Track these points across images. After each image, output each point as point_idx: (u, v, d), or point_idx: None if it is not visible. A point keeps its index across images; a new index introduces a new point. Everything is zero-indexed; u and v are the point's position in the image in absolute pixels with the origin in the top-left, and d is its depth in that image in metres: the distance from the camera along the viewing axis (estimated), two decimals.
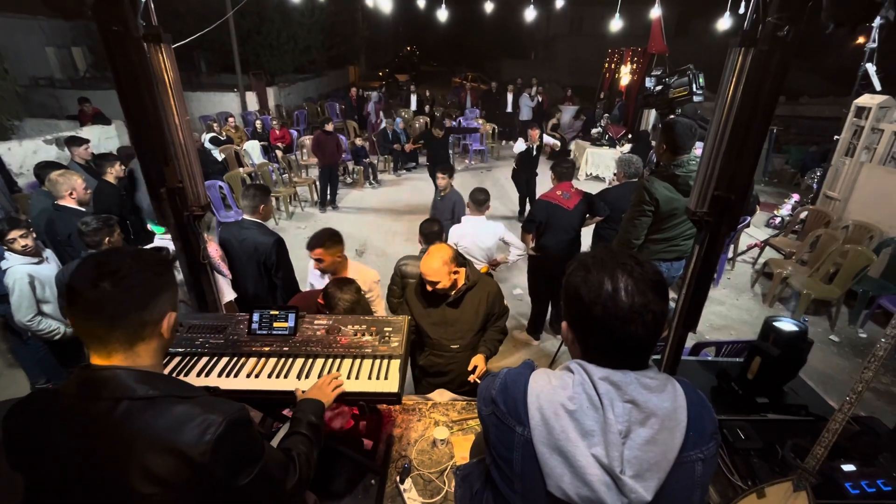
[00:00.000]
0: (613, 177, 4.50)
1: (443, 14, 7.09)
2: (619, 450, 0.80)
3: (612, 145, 9.07)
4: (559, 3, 7.90)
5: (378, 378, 1.51)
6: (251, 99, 13.39)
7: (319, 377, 1.48)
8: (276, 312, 1.67)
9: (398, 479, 1.71)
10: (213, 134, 7.88)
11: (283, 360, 1.57)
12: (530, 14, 7.58)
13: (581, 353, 0.91)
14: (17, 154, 6.57)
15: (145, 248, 3.05)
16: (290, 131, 9.53)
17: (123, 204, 4.13)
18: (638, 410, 0.82)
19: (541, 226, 3.76)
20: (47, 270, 2.88)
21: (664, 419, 0.82)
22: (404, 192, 8.61)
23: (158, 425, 0.84)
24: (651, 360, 0.83)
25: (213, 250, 2.91)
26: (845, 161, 5.58)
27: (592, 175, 9.16)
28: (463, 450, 1.82)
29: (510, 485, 0.90)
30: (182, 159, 1.86)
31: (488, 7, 7.79)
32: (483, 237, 3.67)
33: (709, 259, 1.81)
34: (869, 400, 3.52)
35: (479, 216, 3.72)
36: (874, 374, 1.33)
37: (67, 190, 3.42)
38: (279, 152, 8.72)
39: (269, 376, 1.51)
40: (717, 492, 1.72)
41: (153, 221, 4.20)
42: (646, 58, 10.01)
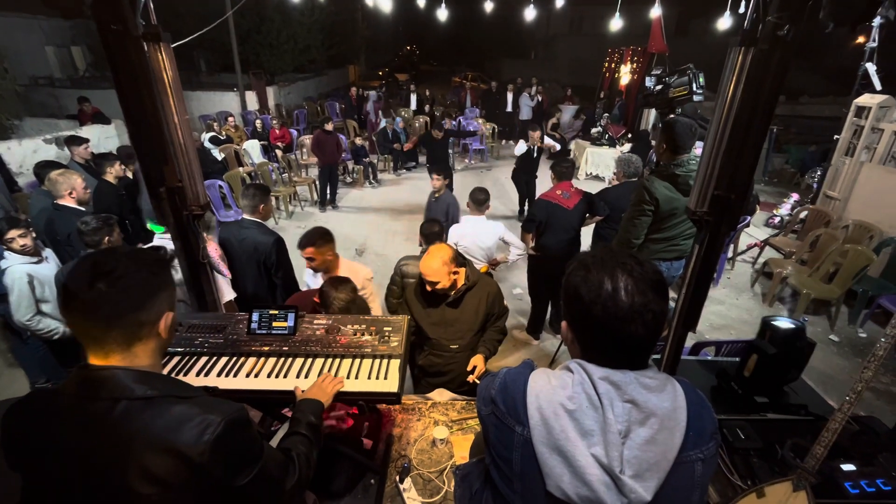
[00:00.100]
0: (613, 176, 4.49)
1: (443, 13, 7.08)
2: (618, 450, 0.80)
3: (612, 145, 9.07)
4: (559, 2, 7.87)
5: (378, 378, 1.50)
6: (251, 98, 13.38)
7: (319, 377, 1.48)
8: (276, 312, 1.67)
9: (398, 478, 1.71)
10: (212, 133, 7.87)
11: (282, 359, 1.57)
12: (530, 13, 7.56)
13: (581, 353, 0.91)
14: (17, 153, 6.57)
15: (143, 247, 3.04)
16: (289, 131, 9.52)
17: (123, 203, 4.13)
18: (637, 410, 0.82)
19: (541, 225, 3.76)
20: (47, 270, 2.87)
21: (664, 419, 0.82)
22: (404, 192, 8.61)
23: (157, 425, 0.84)
24: (651, 360, 0.83)
25: (213, 250, 2.91)
26: (845, 161, 5.58)
27: (592, 174, 9.16)
28: (462, 449, 1.82)
29: (509, 485, 0.90)
30: (181, 158, 1.86)
31: (488, 6, 7.77)
32: (483, 237, 3.67)
33: (709, 259, 1.81)
34: (868, 399, 3.53)
35: (479, 216, 3.72)
36: (874, 374, 1.33)
37: (67, 189, 3.42)
38: (279, 152, 8.72)
39: (269, 376, 1.51)
40: (716, 491, 1.72)
41: (152, 220, 4.19)
42: (646, 57, 10.00)
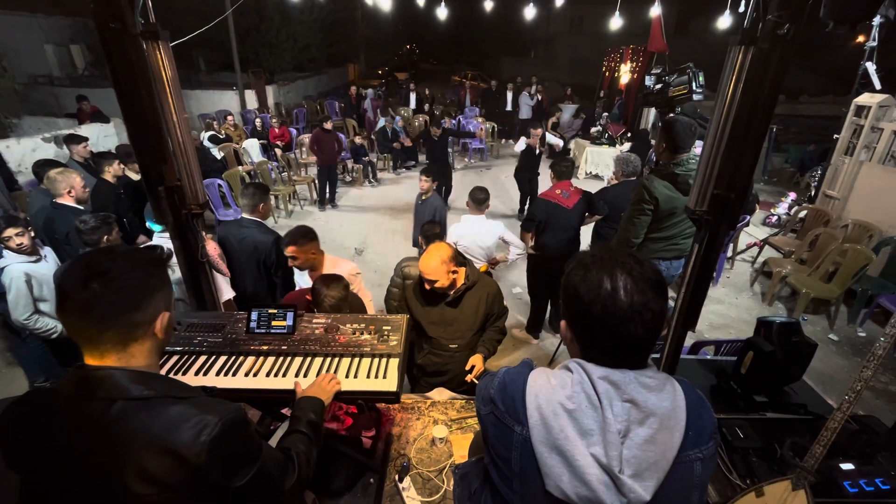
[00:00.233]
0: (612, 176, 4.48)
1: (442, 12, 7.07)
2: (617, 449, 0.79)
3: (612, 144, 9.07)
4: (559, 1, 7.86)
5: (377, 377, 1.50)
6: (250, 97, 13.35)
7: (318, 376, 1.47)
8: (275, 311, 1.67)
9: (397, 477, 1.71)
10: (211, 132, 7.86)
11: (281, 358, 1.57)
12: (530, 12, 7.55)
13: (580, 352, 0.91)
14: (16, 152, 6.56)
15: (139, 246, 3.04)
16: (289, 129, 9.51)
17: (120, 202, 4.11)
18: (637, 410, 0.82)
19: (540, 224, 3.76)
20: (45, 269, 2.86)
21: (663, 419, 0.82)
22: (404, 191, 8.60)
23: (154, 426, 0.83)
24: (650, 359, 0.83)
25: (212, 249, 2.91)
26: (845, 160, 5.58)
27: (592, 174, 9.16)
28: (462, 448, 1.82)
29: (509, 484, 0.90)
30: (180, 157, 1.86)
31: (488, 5, 7.76)
32: (483, 236, 3.66)
33: (708, 258, 1.81)
34: (868, 399, 3.53)
35: (479, 215, 3.72)
36: (873, 373, 1.33)
37: (66, 188, 3.41)
38: (278, 151, 8.71)
39: (268, 375, 1.51)
40: (715, 490, 1.72)
41: (151, 219, 4.19)
42: (646, 56, 10.00)
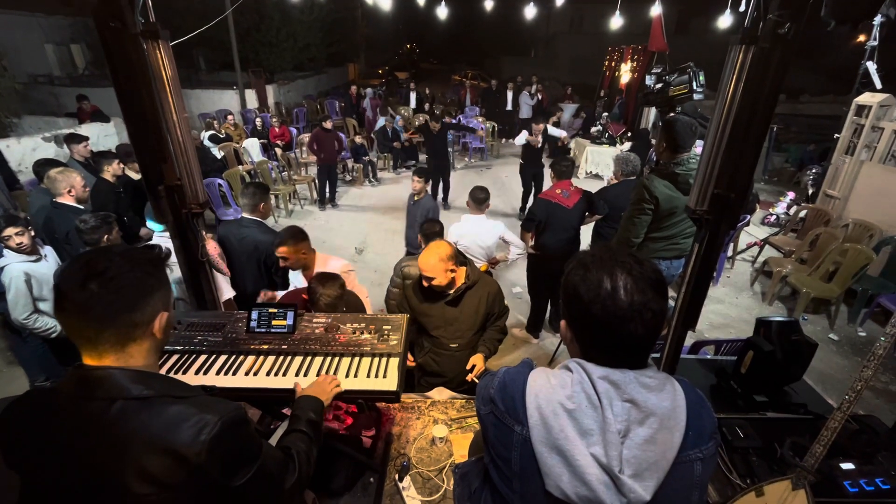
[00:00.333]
0: (612, 176, 4.48)
1: (442, 12, 7.07)
2: (617, 449, 0.79)
3: (612, 143, 9.07)
4: (559, 0, 7.86)
5: (377, 376, 1.50)
6: (250, 96, 13.35)
7: (318, 375, 1.47)
8: (275, 310, 1.67)
9: (397, 476, 1.71)
10: (212, 132, 7.86)
11: (281, 358, 1.57)
12: (530, 12, 7.56)
13: (580, 352, 0.90)
14: (16, 151, 6.57)
15: (137, 246, 3.04)
16: (289, 129, 9.51)
17: (120, 202, 4.11)
18: (637, 410, 0.82)
19: (540, 224, 3.75)
20: (45, 268, 2.86)
21: (663, 419, 0.82)
22: (404, 191, 8.55)
23: (154, 425, 0.83)
24: (650, 359, 0.83)
25: (212, 248, 2.90)
26: (845, 159, 5.58)
27: (592, 173, 9.16)
28: (462, 448, 1.82)
29: (509, 484, 0.90)
30: (180, 157, 1.86)
31: (488, 5, 7.76)
32: (483, 236, 3.66)
33: (708, 257, 1.81)
34: (868, 398, 3.53)
35: (480, 215, 3.71)
36: (873, 373, 1.33)
37: (66, 188, 3.41)
38: (278, 150, 8.71)
39: (268, 374, 1.51)
40: (715, 490, 1.72)
41: (152, 219, 4.19)
42: (646, 56, 9.99)
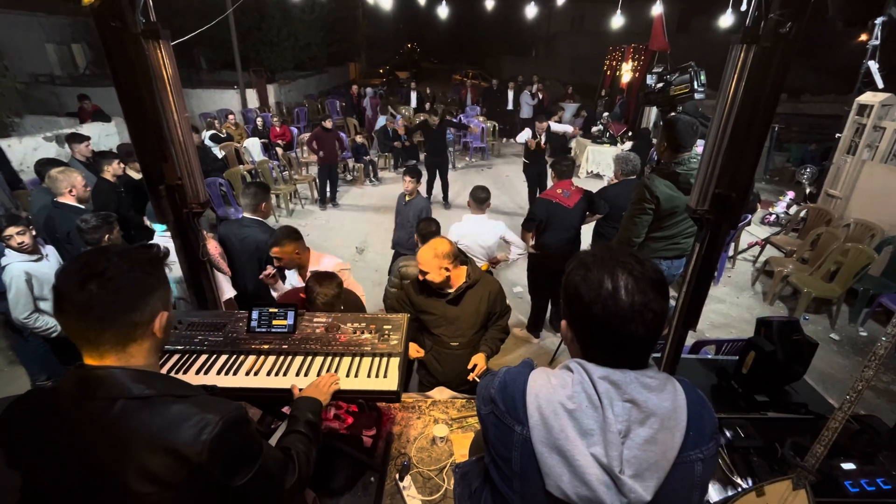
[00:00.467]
0: (612, 176, 4.47)
1: (443, 11, 7.07)
2: (618, 449, 0.79)
3: (613, 143, 9.06)
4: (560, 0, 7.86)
5: (377, 376, 1.50)
6: (251, 96, 13.36)
7: (318, 375, 1.48)
8: (276, 310, 1.67)
9: (397, 476, 1.71)
10: (213, 131, 7.86)
11: (282, 357, 1.57)
12: (531, 11, 7.55)
13: (580, 352, 0.90)
14: (18, 151, 6.58)
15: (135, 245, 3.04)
16: (290, 128, 9.50)
17: (121, 202, 4.12)
18: (637, 410, 0.81)
19: (541, 224, 3.75)
20: (46, 268, 2.86)
21: (664, 419, 0.82)
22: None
23: (155, 424, 0.83)
24: (651, 359, 0.83)
25: (213, 247, 2.91)
26: (847, 159, 5.56)
27: (593, 173, 9.15)
28: (462, 447, 1.82)
29: (509, 484, 0.90)
30: (181, 156, 1.86)
31: (489, 4, 7.75)
32: (484, 235, 3.66)
33: (709, 257, 1.80)
34: (869, 398, 3.52)
35: (480, 214, 3.71)
36: (874, 373, 1.32)
37: (67, 187, 3.41)
38: (279, 150, 8.71)
39: (269, 374, 1.51)
40: (716, 490, 1.72)
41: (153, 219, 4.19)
42: (647, 55, 9.97)
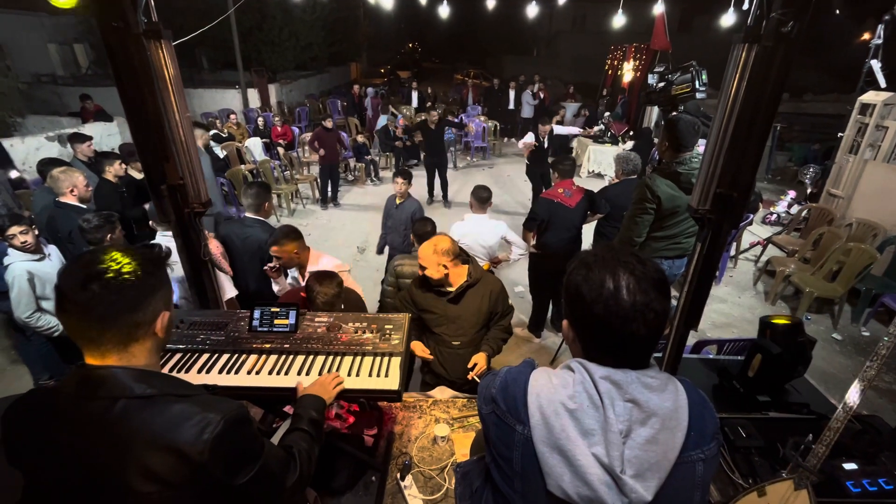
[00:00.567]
0: (613, 176, 4.47)
1: (444, 11, 7.07)
2: (619, 449, 0.79)
3: (615, 142, 9.05)
4: None
5: (379, 375, 1.51)
6: (253, 96, 13.38)
7: (320, 374, 1.48)
8: (277, 309, 1.67)
9: (399, 475, 1.71)
10: (214, 131, 7.87)
11: (283, 357, 1.57)
12: (532, 10, 7.54)
13: (582, 352, 0.90)
14: (20, 151, 6.61)
15: (135, 245, 3.05)
16: (291, 128, 9.52)
17: (123, 202, 4.13)
18: (639, 410, 0.81)
19: (542, 223, 3.75)
20: (48, 267, 2.87)
21: (665, 419, 0.82)
22: None
23: (156, 424, 0.83)
24: (652, 359, 0.82)
25: (214, 247, 2.91)
26: (849, 158, 5.55)
27: (594, 172, 9.14)
28: (463, 447, 1.82)
29: (510, 483, 0.90)
30: (182, 156, 1.86)
31: (490, 4, 7.75)
32: (485, 235, 3.65)
33: (711, 257, 1.80)
34: (871, 398, 3.51)
35: (482, 214, 3.71)
36: (877, 373, 1.32)
37: (69, 187, 3.42)
38: (281, 149, 8.72)
39: (270, 373, 1.51)
40: (717, 490, 1.72)
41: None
42: (648, 54, 9.96)
